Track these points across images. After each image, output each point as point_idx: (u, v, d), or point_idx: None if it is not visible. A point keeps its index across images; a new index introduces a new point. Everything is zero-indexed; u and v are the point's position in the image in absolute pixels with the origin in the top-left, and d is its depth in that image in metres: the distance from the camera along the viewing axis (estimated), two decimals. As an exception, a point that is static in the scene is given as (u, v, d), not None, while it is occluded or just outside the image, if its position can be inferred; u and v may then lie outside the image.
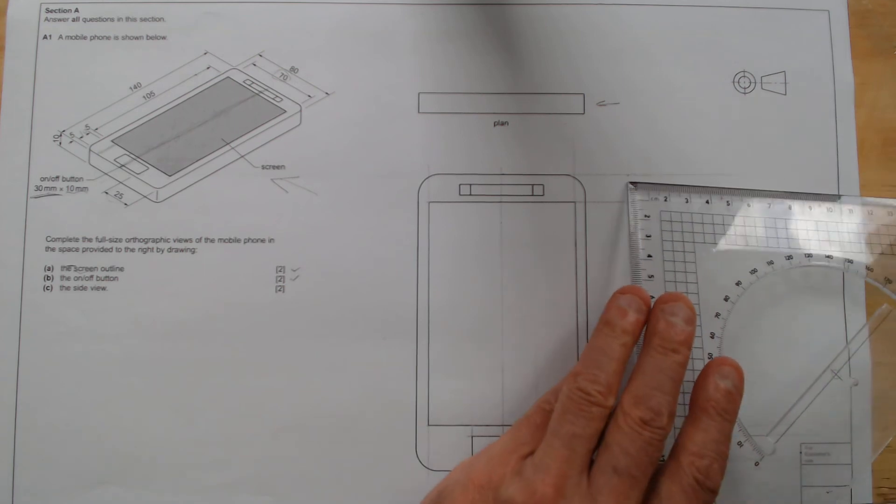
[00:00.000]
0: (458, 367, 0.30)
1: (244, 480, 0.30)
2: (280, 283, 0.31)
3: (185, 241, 0.31)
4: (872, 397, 0.30)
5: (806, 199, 0.31)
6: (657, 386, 0.26)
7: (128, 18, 0.32)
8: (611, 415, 0.26)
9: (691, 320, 0.27)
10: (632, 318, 0.27)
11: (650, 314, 0.27)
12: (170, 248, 0.31)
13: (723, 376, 0.27)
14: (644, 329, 0.28)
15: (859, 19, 0.33)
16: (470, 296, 0.31)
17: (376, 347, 0.30)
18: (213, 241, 0.31)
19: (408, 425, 0.30)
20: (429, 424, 0.30)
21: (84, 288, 0.31)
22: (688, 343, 0.27)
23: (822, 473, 0.30)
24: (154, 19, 0.32)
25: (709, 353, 0.29)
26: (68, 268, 0.31)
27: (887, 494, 0.30)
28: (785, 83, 0.32)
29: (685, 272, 0.30)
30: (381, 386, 0.30)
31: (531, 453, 0.26)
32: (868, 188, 0.32)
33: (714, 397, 0.26)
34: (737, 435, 0.30)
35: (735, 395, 0.27)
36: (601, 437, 0.26)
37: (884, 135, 0.32)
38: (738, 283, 0.30)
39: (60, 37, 0.32)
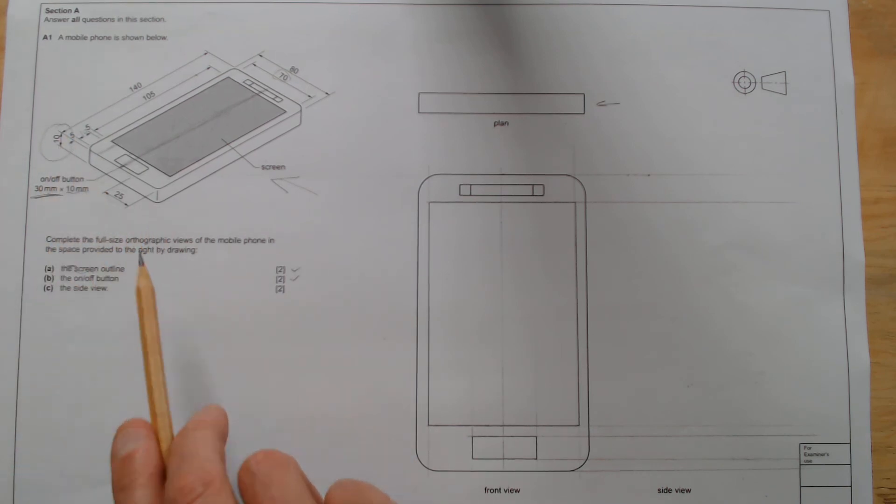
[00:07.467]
0: (458, 368, 0.30)
1: (244, 480, 0.30)
2: (280, 284, 0.31)
3: (185, 241, 0.31)
4: (871, 397, 0.30)
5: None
6: None
7: (128, 18, 0.32)
8: None
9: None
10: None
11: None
12: (170, 248, 0.31)
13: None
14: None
15: (859, 19, 0.33)
16: (470, 296, 0.31)
17: (376, 348, 0.30)
18: (213, 241, 0.31)
19: (408, 425, 0.30)
20: (429, 424, 0.30)
21: (84, 288, 0.31)
22: None
23: (822, 473, 0.30)
24: (154, 19, 0.32)
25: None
26: (68, 268, 0.31)
27: (887, 495, 0.30)
28: (785, 83, 0.32)
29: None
30: (381, 386, 0.30)
31: None
32: (868, 188, 0.32)
33: None
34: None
35: None
36: None
37: (884, 135, 0.32)
38: None
39: (60, 37, 0.32)
